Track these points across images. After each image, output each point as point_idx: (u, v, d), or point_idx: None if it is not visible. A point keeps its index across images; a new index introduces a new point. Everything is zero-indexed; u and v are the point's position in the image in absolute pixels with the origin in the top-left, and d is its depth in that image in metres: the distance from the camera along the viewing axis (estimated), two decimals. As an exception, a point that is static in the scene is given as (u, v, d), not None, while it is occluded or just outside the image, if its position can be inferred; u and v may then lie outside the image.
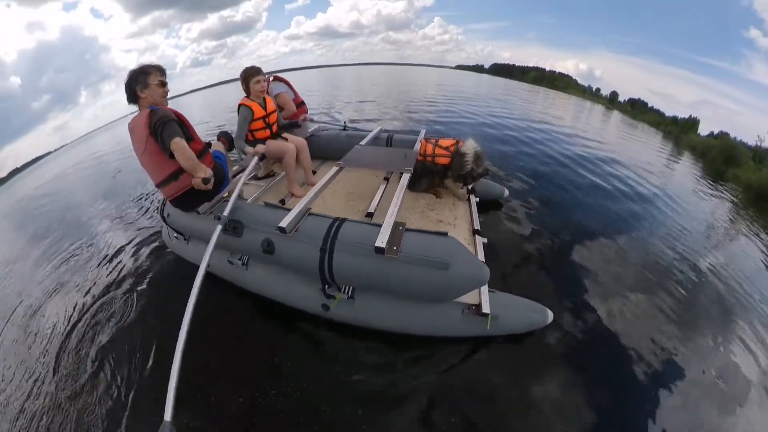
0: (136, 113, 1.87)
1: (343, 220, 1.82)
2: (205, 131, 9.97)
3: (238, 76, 2.72)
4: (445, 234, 1.68)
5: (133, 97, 1.85)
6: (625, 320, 2.15)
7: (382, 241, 1.59)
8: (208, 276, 1.92)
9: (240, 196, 2.53)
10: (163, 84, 1.89)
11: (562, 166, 5.11)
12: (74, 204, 6.39)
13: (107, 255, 3.17)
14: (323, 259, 1.70)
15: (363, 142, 3.10)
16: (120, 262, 2.98)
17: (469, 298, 1.79)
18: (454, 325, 1.79)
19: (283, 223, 1.75)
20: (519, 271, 2.49)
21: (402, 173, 2.41)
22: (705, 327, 2.26)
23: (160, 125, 1.73)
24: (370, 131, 3.47)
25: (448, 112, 9.41)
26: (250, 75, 2.57)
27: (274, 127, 2.77)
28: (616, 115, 20.90)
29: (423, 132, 3.31)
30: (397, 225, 1.71)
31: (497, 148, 5.74)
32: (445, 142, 2.74)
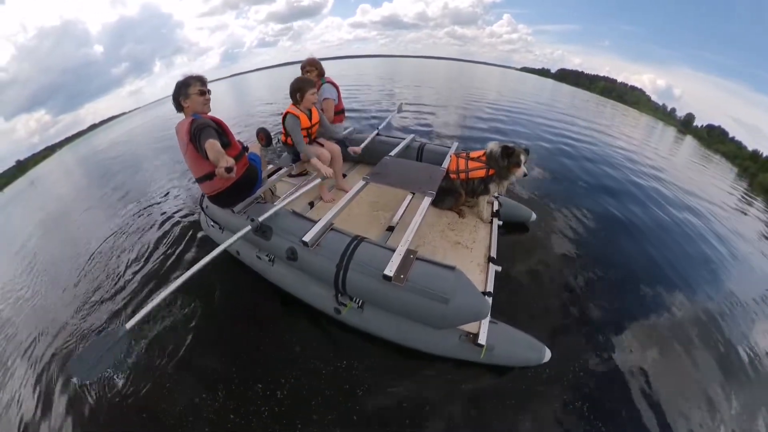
0: (183, 119, 2.11)
1: (361, 240, 1.95)
2: (262, 112, 10.79)
3: (302, 59, 2.93)
4: (452, 268, 1.75)
5: (178, 106, 2.10)
6: (640, 378, 2.05)
7: (391, 269, 1.70)
8: (238, 261, 2.60)
9: (273, 193, 2.75)
10: (203, 93, 2.08)
11: (606, 192, 4.74)
12: (139, 157, 8.24)
13: (154, 207, 4.35)
14: (338, 274, 1.86)
15: (394, 152, 3.12)
16: (161, 221, 3.86)
17: (468, 325, 1.87)
18: (450, 348, 1.90)
19: (307, 237, 1.91)
20: (530, 303, 2.46)
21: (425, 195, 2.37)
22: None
23: (198, 131, 1.93)
24: (403, 139, 3.48)
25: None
26: (308, 85, 2.61)
27: (313, 136, 2.90)
28: (689, 141, 18.45)
29: (455, 146, 3.25)
30: (408, 253, 1.81)
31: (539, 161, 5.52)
32: (476, 154, 2.73)
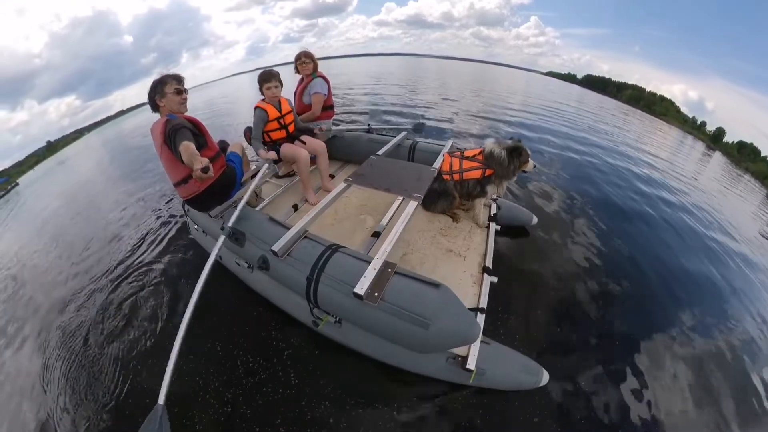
0: (158, 119, 2.02)
1: (336, 248, 1.78)
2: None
3: (326, 55, 3.06)
4: (437, 285, 1.53)
5: (153, 106, 2.01)
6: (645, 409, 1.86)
7: (362, 287, 1.50)
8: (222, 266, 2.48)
9: (258, 195, 2.60)
10: (180, 92, 1.99)
11: (615, 198, 4.46)
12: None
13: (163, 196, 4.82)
14: (309, 287, 1.70)
15: (383, 150, 2.92)
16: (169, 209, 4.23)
17: (457, 348, 1.69)
18: (437, 370, 1.74)
19: (276, 247, 1.77)
20: (528, 319, 2.26)
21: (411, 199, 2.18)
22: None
23: (172, 133, 1.84)
24: (394, 137, 3.28)
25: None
26: (263, 80, 2.63)
27: (291, 128, 2.76)
28: (717, 157, 17.51)
29: (449, 144, 3.02)
30: (386, 266, 1.61)
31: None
32: (472, 152, 2.53)
